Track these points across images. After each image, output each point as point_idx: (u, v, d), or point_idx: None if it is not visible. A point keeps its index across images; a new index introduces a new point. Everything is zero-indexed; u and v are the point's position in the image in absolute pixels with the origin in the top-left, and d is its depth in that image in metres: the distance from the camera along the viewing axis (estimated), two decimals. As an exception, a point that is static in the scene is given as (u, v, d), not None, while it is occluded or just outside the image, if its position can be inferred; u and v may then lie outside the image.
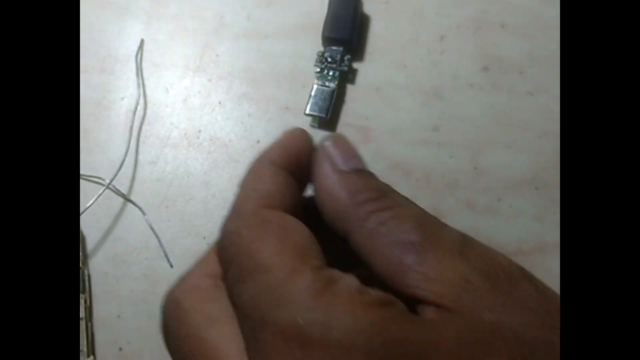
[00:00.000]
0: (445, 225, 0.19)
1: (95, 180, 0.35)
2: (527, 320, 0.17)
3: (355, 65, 0.38)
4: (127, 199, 0.35)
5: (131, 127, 0.36)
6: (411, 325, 0.16)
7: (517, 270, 0.18)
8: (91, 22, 0.39)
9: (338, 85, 0.36)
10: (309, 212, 0.20)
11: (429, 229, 0.19)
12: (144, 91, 0.37)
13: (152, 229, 0.34)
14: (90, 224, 0.34)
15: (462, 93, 0.36)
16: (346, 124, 0.36)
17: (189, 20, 0.39)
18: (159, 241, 0.34)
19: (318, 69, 0.37)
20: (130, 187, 0.35)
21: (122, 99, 0.37)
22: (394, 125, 0.36)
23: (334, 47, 0.37)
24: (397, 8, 0.39)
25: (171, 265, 0.33)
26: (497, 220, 0.33)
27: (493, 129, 0.35)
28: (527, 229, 0.33)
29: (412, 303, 0.18)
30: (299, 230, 0.19)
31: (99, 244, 0.34)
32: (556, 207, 0.34)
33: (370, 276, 0.18)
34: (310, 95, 0.36)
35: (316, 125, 0.36)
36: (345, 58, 0.37)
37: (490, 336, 0.16)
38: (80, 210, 0.34)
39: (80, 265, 0.32)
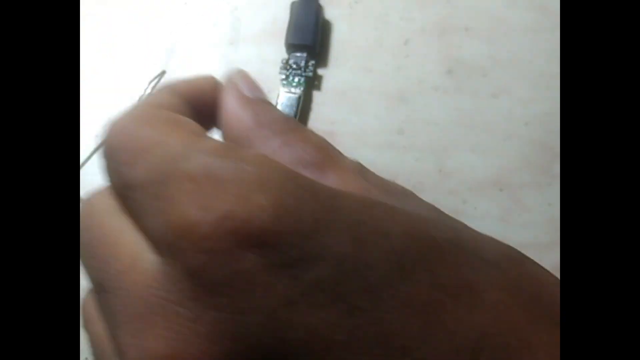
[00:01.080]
0: (342, 154, 0.20)
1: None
2: (426, 212, 0.18)
3: (320, 71, 0.38)
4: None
5: (95, 136, 0.36)
6: (321, 183, 0.16)
7: (412, 193, 0.20)
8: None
9: (304, 91, 0.37)
10: None
11: (331, 152, 0.20)
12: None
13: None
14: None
15: (426, 96, 0.36)
16: (313, 129, 0.36)
17: (153, 27, 0.39)
18: None
19: (283, 76, 0.37)
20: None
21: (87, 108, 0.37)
22: (359, 129, 0.36)
23: (297, 54, 0.37)
24: (361, 13, 0.39)
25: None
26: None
27: (458, 131, 0.35)
28: (493, 230, 0.33)
29: None
30: (191, 122, 0.18)
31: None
32: (521, 208, 0.34)
33: None
34: (276, 102, 0.36)
35: None
36: (310, 64, 0.37)
37: (393, 206, 0.17)
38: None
39: None
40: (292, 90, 0.37)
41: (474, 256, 0.17)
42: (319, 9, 0.38)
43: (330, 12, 0.39)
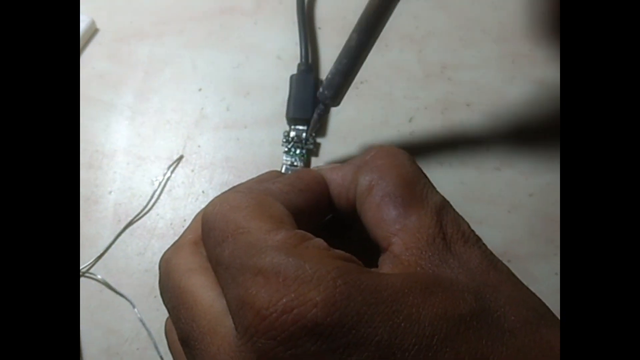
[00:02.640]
0: (431, 187, 0.24)
1: (89, 275, 0.36)
2: (464, 275, 0.21)
3: (318, 139, 0.40)
4: (117, 292, 0.36)
5: (119, 220, 0.38)
6: (368, 273, 0.20)
7: (474, 238, 0.23)
8: (78, 119, 0.41)
9: (305, 163, 0.39)
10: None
11: (418, 189, 0.24)
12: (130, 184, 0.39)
13: (141, 321, 0.35)
14: (84, 317, 0.35)
15: (432, 171, 0.38)
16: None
17: (171, 114, 0.41)
18: (149, 332, 0.35)
19: (286, 148, 0.39)
20: (120, 279, 0.36)
21: (110, 192, 0.39)
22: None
23: (299, 127, 0.39)
24: (367, 92, 0.41)
25: (161, 358, 0.34)
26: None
27: (464, 205, 0.37)
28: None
29: (375, 258, 0.22)
30: (274, 205, 0.23)
31: (92, 337, 0.35)
32: (528, 279, 0.35)
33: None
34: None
35: None
36: (312, 135, 0.39)
37: (431, 283, 0.20)
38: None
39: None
40: (295, 162, 0.39)
41: (494, 325, 0.20)
42: (316, 84, 0.41)
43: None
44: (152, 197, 0.38)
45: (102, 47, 0.43)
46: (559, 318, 0.21)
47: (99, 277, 0.36)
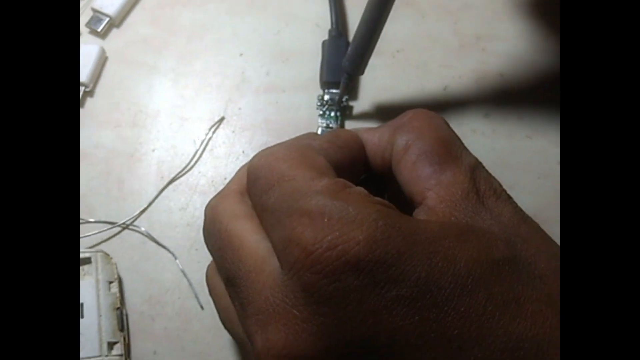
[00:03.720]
0: (465, 148, 0.26)
1: (133, 228, 0.38)
2: (497, 227, 0.23)
3: (352, 103, 0.42)
4: (159, 244, 0.38)
5: (162, 177, 0.39)
6: (406, 217, 0.21)
7: (505, 195, 0.25)
8: (123, 80, 0.42)
9: (339, 125, 0.40)
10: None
11: (453, 148, 0.25)
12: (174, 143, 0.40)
13: (182, 271, 0.37)
14: (127, 268, 0.37)
15: (465, 138, 0.38)
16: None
17: (212, 77, 0.42)
18: (190, 283, 0.37)
19: (320, 111, 0.41)
20: (163, 232, 0.38)
21: (153, 150, 0.40)
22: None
23: (332, 90, 0.41)
24: (402, 61, 0.42)
25: (202, 307, 0.36)
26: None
27: (495, 171, 0.38)
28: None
29: (409, 214, 0.23)
30: (317, 157, 0.25)
31: (135, 286, 0.37)
32: (557, 239, 0.37)
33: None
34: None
35: None
36: (344, 98, 0.40)
37: (465, 230, 0.22)
38: (115, 256, 0.37)
39: (119, 305, 0.35)
40: (330, 124, 0.40)
41: (525, 272, 0.21)
42: (347, 47, 0.42)
43: (374, 60, 0.42)
44: (194, 155, 0.40)
45: (146, 12, 0.45)
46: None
47: (143, 229, 0.38)
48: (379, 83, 0.42)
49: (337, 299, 0.20)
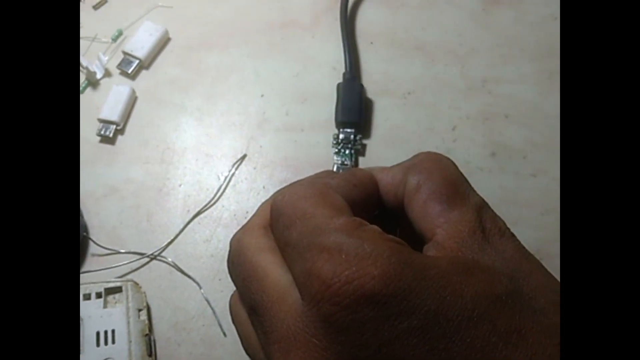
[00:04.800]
0: (472, 189, 0.27)
1: (161, 258, 0.41)
2: (500, 263, 0.24)
3: (364, 141, 0.44)
4: (185, 274, 0.40)
5: (188, 210, 0.42)
6: (417, 253, 0.23)
7: (509, 233, 0.26)
8: (152, 119, 0.45)
9: (353, 162, 0.43)
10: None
11: (461, 188, 0.27)
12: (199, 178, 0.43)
13: (207, 300, 0.39)
14: (155, 296, 0.39)
15: (473, 176, 0.41)
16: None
17: (236, 116, 0.45)
18: (213, 311, 0.39)
19: (335, 150, 0.43)
20: (189, 263, 0.41)
21: (180, 185, 0.43)
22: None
23: (347, 130, 0.44)
24: (413, 102, 0.45)
25: (224, 334, 0.38)
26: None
27: (501, 207, 0.40)
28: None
29: (419, 249, 0.24)
30: (335, 196, 0.26)
31: (162, 314, 0.39)
32: (558, 275, 0.39)
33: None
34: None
35: None
36: (357, 138, 0.43)
37: (472, 266, 0.23)
38: (144, 285, 0.39)
39: (147, 332, 0.38)
40: (345, 162, 0.43)
41: (526, 305, 0.23)
42: (361, 89, 0.45)
43: (387, 101, 0.45)
44: (218, 190, 0.43)
45: (174, 54, 0.48)
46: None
47: (170, 260, 0.41)
48: (391, 123, 0.44)
49: (353, 329, 0.21)
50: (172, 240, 0.41)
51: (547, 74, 0.45)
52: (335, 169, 0.43)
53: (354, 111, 0.44)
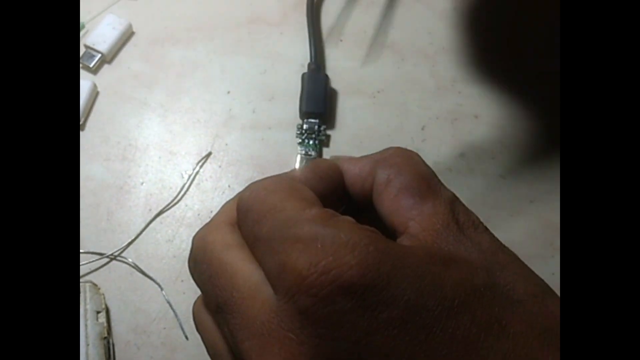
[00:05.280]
0: (442, 184, 0.27)
1: (121, 259, 0.39)
2: (476, 255, 0.24)
3: (328, 131, 0.44)
4: (146, 275, 0.39)
5: (150, 209, 0.41)
6: (394, 243, 0.22)
7: (483, 226, 0.26)
8: (113, 115, 0.44)
9: (317, 153, 0.43)
10: None
11: (432, 183, 0.26)
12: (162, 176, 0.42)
13: (168, 302, 0.38)
14: (114, 298, 0.38)
15: (441, 176, 0.40)
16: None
17: (200, 113, 0.44)
18: (175, 313, 0.38)
19: (299, 140, 0.43)
20: (150, 264, 0.39)
21: (142, 183, 0.42)
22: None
23: (311, 120, 0.43)
24: (383, 101, 0.44)
25: (186, 337, 0.37)
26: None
27: (469, 208, 0.40)
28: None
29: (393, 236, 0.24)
30: (303, 189, 0.26)
31: (122, 316, 0.38)
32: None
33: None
34: (296, 163, 0.42)
35: None
36: (322, 128, 0.43)
37: (448, 257, 0.23)
38: (103, 286, 0.38)
39: (106, 335, 0.36)
40: (309, 152, 0.42)
41: (504, 296, 0.22)
42: (326, 80, 0.44)
43: (356, 99, 0.44)
44: (181, 189, 0.41)
45: (138, 49, 0.47)
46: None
47: (130, 260, 0.39)
48: (360, 122, 0.44)
49: (332, 321, 0.21)
50: (133, 240, 0.40)
51: (517, 75, 0.45)
52: (298, 160, 0.42)
53: (319, 102, 0.43)
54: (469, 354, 0.21)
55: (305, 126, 0.43)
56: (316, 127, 0.43)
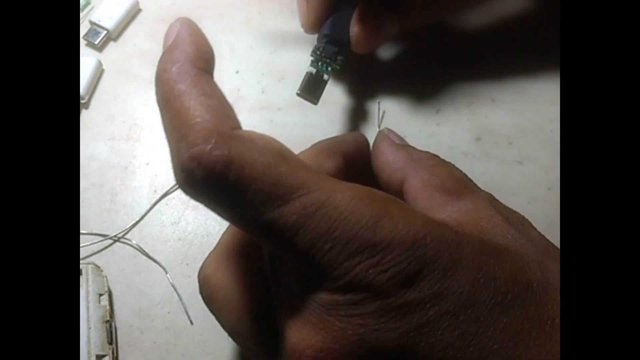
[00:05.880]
0: (478, 186, 0.27)
1: (124, 241, 0.38)
2: (529, 247, 0.23)
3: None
4: (151, 257, 0.38)
5: (155, 191, 0.40)
6: (449, 230, 0.21)
7: (528, 222, 0.26)
8: (119, 93, 0.43)
9: (329, 78, 0.38)
10: None
11: (468, 183, 0.27)
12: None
13: (173, 286, 0.37)
14: (118, 281, 0.37)
15: (457, 162, 0.39)
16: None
17: (208, 93, 0.43)
18: (180, 297, 0.37)
19: (312, 58, 0.39)
20: (154, 246, 0.38)
21: (147, 164, 0.40)
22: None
23: (330, 45, 0.38)
24: (397, 83, 0.43)
25: (191, 322, 0.36)
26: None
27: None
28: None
29: None
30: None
31: (125, 299, 0.37)
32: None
33: None
34: (304, 78, 0.38)
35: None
36: (339, 58, 0.39)
37: (502, 249, 0.22)
38: (106, 268, 0.37)
39: (108, 318, 0.35)
40: (321, 74, 0.38)
41: (557, 295, 0.21)
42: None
43: (367, 79, 0.43)
44: (187, 170, 0.40)
45: (144, 26, 0.45)
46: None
47: (134, 242, 0.38)
48: (375, 100, 0.42)
49: (377, 316, 0.20)
50: (138, 222, 0.39)
51: (535, 58, 0.44)
52: (308, 75, 0.38)
53: (346, 30, 0.38)
54: (519, 350, 0.20)
55: (320, 48, 0.38)
56: (334, 52, 0.38)
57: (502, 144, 0.41)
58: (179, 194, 0.40)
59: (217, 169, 0.20)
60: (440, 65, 0.44)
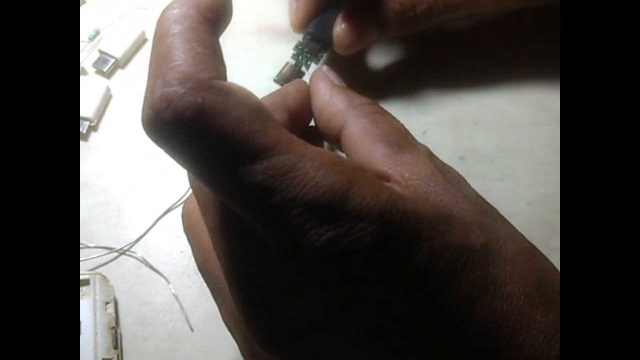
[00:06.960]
0: (415, 138, 0.27)
1: (130, 253, 0.41)
2: (468, 207, 0.24)
3: None
4: (154, 269, 0.40)
5: (159, 207, 0.42)
6: (408, 200, 0.22)
7: (463, 178, 0.26)
8: (126, 118, 0.46)
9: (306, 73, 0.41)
10: None
11: (408, 136, 0.27)
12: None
13: (174, 296, 0.39)
14: (123, 290, 0.39)
15: (442, 179, 0.42)
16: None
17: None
18: (181, 306, 0.39)
19: (294, 52, 0.41)
20: (158, 258, 0.41)
21: (151, 182, 0.43)
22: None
23: (313, 42, 0.41)
24: (385, 107, 0.46)
25: (192, 329, 0.38)
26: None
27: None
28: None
29: None
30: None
31: (130, 308, 0.39)
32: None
33: None
34: (283, 67, 0.42)
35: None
36: (319, 54, 0.41)
37: (448, 214, 0.22)
38: (112, 279, 0.39)
39: (114, 325, 0.37)
40: (301, 68, 0.41)
41: (498, 255, 0.22)
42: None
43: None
44: (189, 189, 0.43)
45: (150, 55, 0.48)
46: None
47: (139, 255, 0.41)
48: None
49: (346, 287, 0.21)
50: (142, 236, 0.41)
51: (515, 82, 0.46)
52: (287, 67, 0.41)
53: (330, 30, 0.41)
54: (470, 316, 0.21)
55: (303, 44, 0.41)
56: (316, 49, 0.41)
57: (484, 162, 0.43)
58: (181, 209, 0.42)
59: (186, 115, 0.19)
60: (427, 89, 0.46)
